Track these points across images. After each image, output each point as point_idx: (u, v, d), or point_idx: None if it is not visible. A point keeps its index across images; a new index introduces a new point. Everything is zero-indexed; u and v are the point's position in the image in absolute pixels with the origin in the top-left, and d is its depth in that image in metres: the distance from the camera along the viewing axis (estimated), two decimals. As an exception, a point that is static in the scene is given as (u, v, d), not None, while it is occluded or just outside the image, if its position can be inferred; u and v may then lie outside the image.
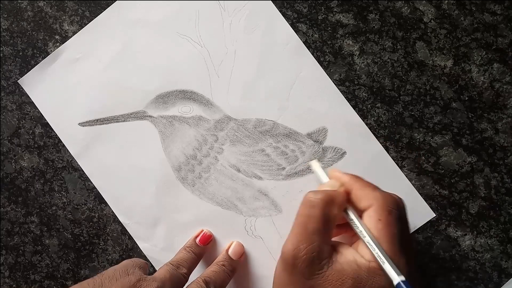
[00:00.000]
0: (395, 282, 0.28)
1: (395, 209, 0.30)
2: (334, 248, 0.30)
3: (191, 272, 0.39)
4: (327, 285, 0.29)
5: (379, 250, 0.29)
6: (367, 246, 0.29)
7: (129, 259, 0.38)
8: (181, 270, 0.37)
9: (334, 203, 0.31)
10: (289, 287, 0.30)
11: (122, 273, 0.35)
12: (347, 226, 0.32)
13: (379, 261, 0.29)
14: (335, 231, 0.33)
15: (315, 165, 0.37)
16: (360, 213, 0.32)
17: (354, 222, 0.31)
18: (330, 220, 0.31)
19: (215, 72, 0.42)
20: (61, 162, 0.44)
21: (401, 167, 0.41)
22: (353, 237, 0.33)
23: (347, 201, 0.32)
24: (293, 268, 0.30)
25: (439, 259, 0.41)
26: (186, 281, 0.37)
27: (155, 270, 0.42)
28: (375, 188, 0.32)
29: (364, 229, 0.30)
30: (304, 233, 0.30)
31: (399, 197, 0.32)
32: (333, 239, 0.32)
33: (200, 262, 0.41)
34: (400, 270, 0.28)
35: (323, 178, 0.35)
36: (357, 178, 0.33)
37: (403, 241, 0.30)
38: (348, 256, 0.29)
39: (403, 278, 0.28)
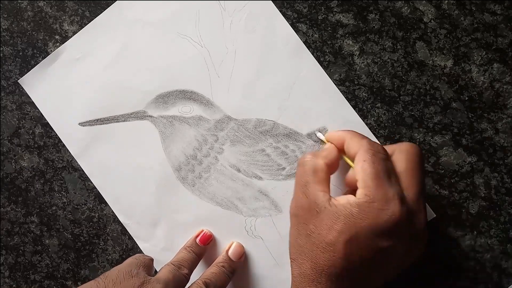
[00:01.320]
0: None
1: (380, 153, 0.33)
2: (330, 197, 0.33)
3: (192, 272, 0.39)
4: (323, 225, 0.31)
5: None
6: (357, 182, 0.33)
7: (133, 256, 0.38)
8: (182, 270, 0.37)
9: (328, 162, 0.35)
10: (298, 237, 0.33)
11: (126, 275, 0.35)
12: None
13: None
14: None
15: (320, 135, 0.40)
16: (352, 159, 0.35)
17: (346, 160, 0.36)
18: (323, 174, 0.34)
19: (215, 72, 0.42)
20: (61, 162, 0.44)
21: (401, 167, 0.41)
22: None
23: (342, 151, 0.36)
24: (296, 219, 0.34)
25: (439, 259, 0.41)
26: (187, 281, 0.37)
27: (155, 271, 0.42)
28: (363, 137, 0.34)
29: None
30: (303, 189, 0.34)
31: (413, 144, 0.35)
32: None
33: (200, 262, 0.41)
34: (389, 199, 0.31)
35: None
36: (349, 131, 0.36)
37: (398, 177, 0.33)
38: (341, 200, 0.32)
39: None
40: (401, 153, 0.34)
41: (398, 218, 0.31)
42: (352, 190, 0.33)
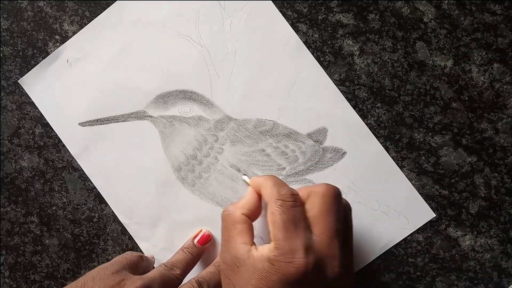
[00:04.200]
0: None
1: (288, 200, 0.32)
2: (251, 248, 0.33)
3: (186, 273, 0.38)
4: (242, 280, 0.32)
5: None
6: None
7: (121, 254, 0.38)
8: (174, 271, 0.37)
9: (246, 212, 0.35)
10: None
11: (107, 272, 0.35)
12: None
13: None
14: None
15: (245, 178, 0.41)
16: None
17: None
18: (242, 225, 0.34)
19: (215, 72, 0.42)
20: (61, 162, 0.44)
21: (401, 167, 0.41)
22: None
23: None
24: (222, 273, 0.34)
25: (439, 259, 0.41)
26: (180, 282, 0.37)
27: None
28: (275, 184, 0.34)
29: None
30: (226, 244, 0.34)
31: (329, 185, 0.34)
32: None
33: (199, 262, 0.41)
34: (295, 251, 0.30)
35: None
36: (267, 177, 0.35)
37: (309, 223, 0.32)
38: (260, 251, 0.32)
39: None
40: (315, 196, 0.33)
41: (303, 269, 0.30)
42: None
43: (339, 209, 0.33)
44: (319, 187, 0.33)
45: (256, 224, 0.36)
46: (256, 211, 0.35)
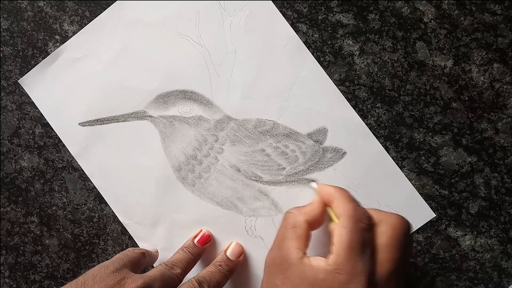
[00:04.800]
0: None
1: (362, 222, 0.32)
2: (304, 255, 0.32)
3: (186, 273, 0.38)
4: (289, 283, 0.31)
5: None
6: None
7: (123, 252, 0.38)
8: (174, 270, 0.37)
9: (309, 219, 0.34)
10: (264, 285, 0.33)
11: (107, 270, 0.34)
12: None
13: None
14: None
15: (313, 185, 0.39)
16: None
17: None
18: (302, 231, 0.33)
19: (215, 72, 0.42)
20: (61, 162, 0.44)
21: (401, 167, 0.41)
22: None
23: (330, 204, 0.35)
24: (267, 269, 0.34)
25: (439, 259, 0.41)
26: (180, 281, 0.37)
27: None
28: (351, 200, 0.33)
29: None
30: (280, 243, 0.34)
31: (403, 219, 0.33)
32: None
33: (199, 262, 0.41)
34: (355, 275, 0.30)
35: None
36: (339, 189, 0.35)
37: (375, 251, 0.31)
38: (313, 261, 0.31)
39: None
40: (387, 226, 0.32)
41: None
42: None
43: (406, 245, 0.33)
44: (392, 218, 0.33)
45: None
46: (319, 221, 0.35)
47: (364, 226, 0.32)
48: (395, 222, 0.33)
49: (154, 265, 0.42)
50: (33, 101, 0.43)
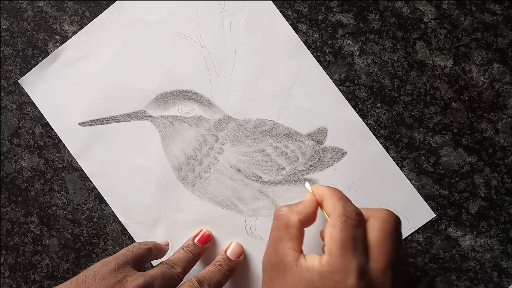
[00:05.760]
0: None
1: (352, 219, 0.32)
2: (300, 256, 0.33)
3: (186, 272, 0.38)
4: (285, 285, 0.31)
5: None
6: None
7: (128, 247, 0.37)
8: (175, 269, 0.37)
9: (302, 218, 0.34)
10: None
11: (109, 268, 0.34)
12: None
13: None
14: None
15: (307, 186, 0.38)
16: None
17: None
18: (295, 231, 0.33)
19: (215, 72, 0.42)
20: (61, 162, 0.44)
21: (401, 167, 0.41)
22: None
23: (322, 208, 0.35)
24: (265, 273, 0.34)
25: (439, 259, 0.41)
26: (180, 280, 0.37)
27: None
28: (341, 198, 0.33)
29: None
30: (275, 244, 0.34)
31: (391, 212, 0.33)
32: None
33: (199, 262, 0.41)
34: (349, 272, 0.30)
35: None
36: (331, 189, 0.35)
37: (367, 246, 0.32)
38: (309, 261, 0.32)
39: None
40: (376, 221, 0.32)
41: None
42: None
43: (397, 238, 0.33)
44: (381, 212, 0.33)
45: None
46: (311, 219, 0.35)
47: (354, 222, 0.32)
48: (383, 216, 0.33)
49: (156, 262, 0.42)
50: (33, 101, 0.43)
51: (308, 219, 0.34)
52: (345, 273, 0.30)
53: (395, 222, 0.33)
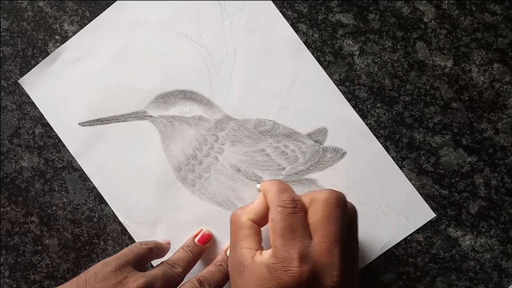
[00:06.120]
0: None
1: (287, 207, 0.32)
2: (255, 253, 0.33)
3: (187, 272, 0.38)
4: (245, 284, 0.32)
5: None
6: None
7: (129, 246, 0.37)
8: (176, 269, 0.37)
9: (253, 217, 0.35)
10: None
11: (110, 269, 0.34)
12: None
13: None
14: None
15: (258, 186, 0.38)
16: None
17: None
18: (248, 230, 0.34)
19: (215, 72, 0.42)
20: (61, 162, 0.44)
21: (401, 167, 0.41)
22: None
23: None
24: (230, 276, 0.34)
25: (439, 259, 0.41)
26: (181, 280, 0.37)
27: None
28: (277, 190, 0.34)
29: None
30: (233, 247, 0.34)
31: (332, 191, 0.33)
32: None
33: (199, 262, 0.41)
34: (291, 259, 0.30)
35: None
36: (272, 182, 0.35)
37: (309, 230, 0.32)
38: (264, 256, 0.32)
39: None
40: (317, 203, 0.33)
41: (298, 278, 0.30)
42: None
43: (342, 216, 0.33)
44: (321, 193, 0.33)
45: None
46: (264, 217, 0.35)
47: (290, 210, 0.32)
48: (325, 196, 0.33)
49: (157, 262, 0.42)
50: (33, 101, 0.43)
51: (260, 218, 0.35)
52: (288, 260, 0.30)
53: (337, 200, 0.33)
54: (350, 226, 0.34)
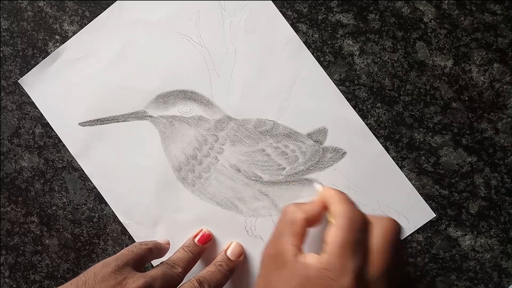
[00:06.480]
0: None
1: (358, 222, 0.32)
2: (299, 252, 0.33)
3: (187, 272, 0.38)
4: (281, 279, 0.32)
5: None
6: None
7: (128, 247, 0.37)
8: (175, 269, 0.37)
9: (308, 217, 0.34)
10: (260, 282, 0.34)
11: (109, 269, 0.34)
12: None
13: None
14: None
15: (317, 187, 0.38)
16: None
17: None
18: (299, 228, 0.34)
19: (215, 72, 0.42)
20: (61, 162, 0.44)
21: (401, 167, 0.41)
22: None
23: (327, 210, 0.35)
24: (263, 264, 0.34)
25: (439, 259, 0.41)
26: (181, 280, 0.37)
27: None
28: (349, 202, 0.34)
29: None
30: (277, 238, 0.34)
31: (394, 221, 0.34)
32: None
33: (199, 262, 0.41)
34: (344, 272, 0.30)
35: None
36: (339, 193, 0.35)
37: (368, 252, 0.32)
38: (307, 258, 0.32)
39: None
40: (379, 227, 0.33)
41: None
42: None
43: (398, 247, 0.33)
44: (384, 220, 0.33)
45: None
46: (316, 220, 0.35)
47: (359, 226, 0.32)
48: (388, 224, 0.33)
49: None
50: (33, 101, 0.43)
51: (313, 220, 0.35)
52: (342, 272, 0.30)
53: (397, 231, 0.33)
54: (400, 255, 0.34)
